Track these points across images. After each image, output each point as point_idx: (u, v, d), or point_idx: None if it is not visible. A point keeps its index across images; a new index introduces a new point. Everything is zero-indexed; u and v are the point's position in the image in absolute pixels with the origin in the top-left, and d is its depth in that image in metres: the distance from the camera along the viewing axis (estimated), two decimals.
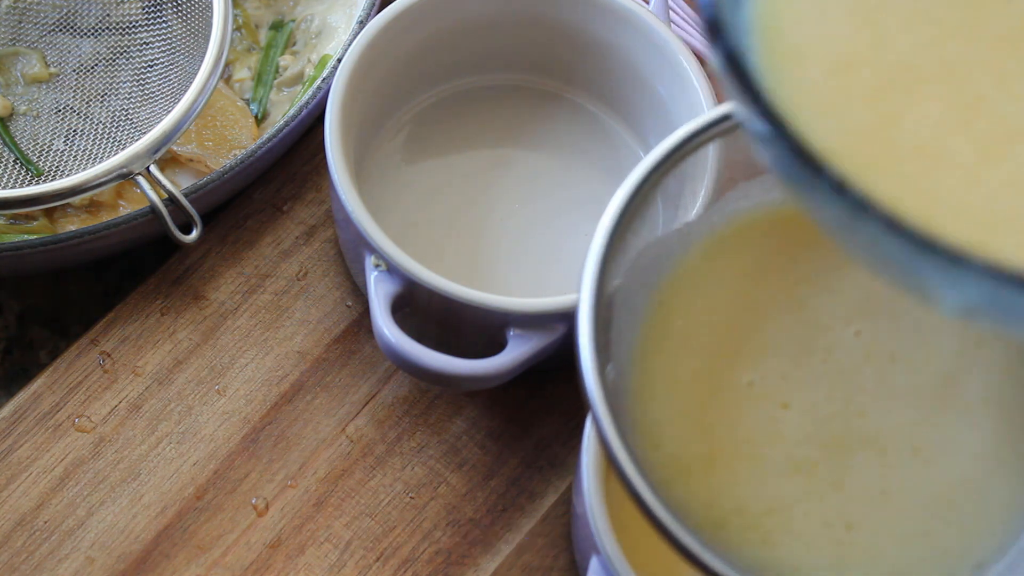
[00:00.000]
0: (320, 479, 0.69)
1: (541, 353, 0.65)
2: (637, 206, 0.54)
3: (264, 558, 0.68)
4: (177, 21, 0.75)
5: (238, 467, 0.69)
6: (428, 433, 0.70)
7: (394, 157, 0.74)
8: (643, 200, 0.54)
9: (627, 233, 0.54)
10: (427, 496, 0.69)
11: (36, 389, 0.70)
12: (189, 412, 0.70)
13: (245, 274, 0.73)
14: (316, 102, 0.73)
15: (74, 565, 0.67)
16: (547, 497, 0.69)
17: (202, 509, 0.68)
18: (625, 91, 0.74)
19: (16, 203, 0.69)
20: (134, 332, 0.72)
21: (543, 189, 0.73)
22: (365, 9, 0.75)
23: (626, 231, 0.54)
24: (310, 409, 0.70)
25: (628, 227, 0.54)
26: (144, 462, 0.69)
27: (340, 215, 0.68)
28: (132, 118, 0.74)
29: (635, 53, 0.72)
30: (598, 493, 0.60)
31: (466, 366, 0.64)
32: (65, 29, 0.77)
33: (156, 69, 0.75)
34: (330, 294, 0.73)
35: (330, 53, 0.77)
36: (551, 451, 0.70)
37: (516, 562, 0.68)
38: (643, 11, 0.71)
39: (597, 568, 0.60)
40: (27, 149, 0.74)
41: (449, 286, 0.64)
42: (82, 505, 0.68)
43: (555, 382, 0.71)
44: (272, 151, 0.73)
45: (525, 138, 0.75)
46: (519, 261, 0.71)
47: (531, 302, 0.64)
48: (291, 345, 0.72)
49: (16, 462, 0.69)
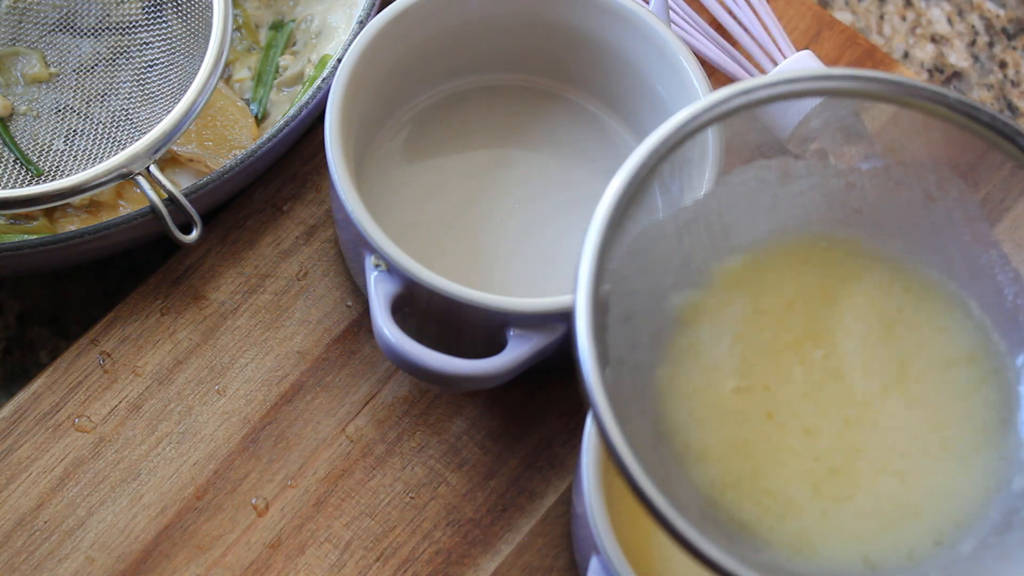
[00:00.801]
0: (320, 479, 0.69)
1: (541, 353, 0.65)
2: (634, 194, 0.55)
3: (264, 558, 0.68)
4: (177, 21, 0.75)
5: (238, 467, 0.69)
6: (428, 433, 0.70)
7: (394, 157, 0.74)
8: (640, 188, 0.55)
9: (624, 220, 0.55)
10: (427, 496, 0.69)
11: (36, 389, 0.70)
12: (189, 412, 0.70)
13: (245, 274, 0.73)
14: (316, 102, 0.73)
15: (74, 565, 0.67)
16: (547, 497, 0.69)
17: (202, 509, 0.68)
18: (625, 91, 0.74)
19: (16, 203, 0.69)
20: (134, 332, 0.72)
21: (543, 189, 0.73)
22: (365, 9, 0.75)
23: (624, 218, 0.55)
24: (310, 409, 0.70)
25: (625, 214, 0.55)
26: (144, 462, 0.69)
27: (340, 215, 0.68)
28: (132, 118, 0.74)
29: (635, 53, 0.72)
30: (598, 493, 0.60)
31: (466, 366, 0.64)
32: (65, 29, 0.77)
33: (156, 69, 0.75)
34: (330, 294, 0.73)
35: (330, 53, 0.77)
36: (551, 451, 0.70)
37: (516, 562, 0.68)
38: (643, 11, 0.71)
39: (597, 568, 0.60)
40: (27, 149, 0.74)
41: (449, 286, 0.64)
42: (82, 505, 0.68)
43: (555, 382, 0.71)
44: (272, 151, 0.73)
45: (525, 138, 0.75)
46: (519, 261, 0.71)
47: (531, 302, 0.64)
48: (291, 345, 0.72)
49: (16, 462, 0.69)
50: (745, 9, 0.78)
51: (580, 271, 0.53)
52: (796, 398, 0.57)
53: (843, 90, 0.57)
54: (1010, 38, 0.84)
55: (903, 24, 0.85)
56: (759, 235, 0.59)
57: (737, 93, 0.56)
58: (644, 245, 0.56)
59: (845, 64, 0.80)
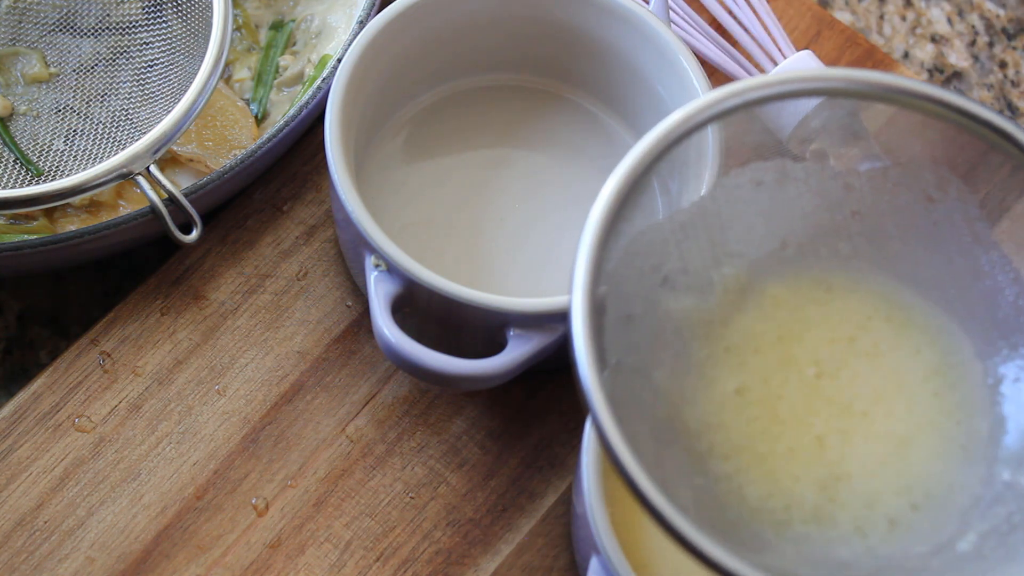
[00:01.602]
0: (320, 479, 0.69)
1: (541, 353, 0.65)
2: (630, 193, 0.55)
3: (264, 558, 0.68)
4: (177, 21, 0.75)
5: (238, 467, 0.69)
6: (428, 433, 0.70)
7: (394, 157, 0.74)
8: (637, 187, 0.55)
9: (621, 221, 0.55)
10: (427, 496, 0.69)
11: (36, 389, 0.70)
12: (189, 412, 0.70)
13: (245, 274, 0.73)
14: (316, 102, 0.73)
15: (74, 565, 0.67)
16: (547, 497, 0.69)
17: (202, 509, 0.68)
18: (624, 91, 0.74)
19: (16, 203, 0.69)
20: (134, 332, 0.72)
21: (543, 189, 0.73)
22: (365, 9, 0.75)
23: (620, 218, 0.54)
24: (310, 409, 0.70)
25: (621, 214, 0.55)
26: (144, 462, 0.69)
27: (340, 215, 0.68)
28: (132, 118, 0.74)
29: (635, 53, 0.72)
30: (598, 493, 0.60)
31: (466, 366, 0.64)
32: (65, 29, 0.77)
33: (156, 69, 0.75)
34: (330, 294, 0.73)
35: (330, 53, 0.77)
36: (551, 451, 0.70)
37: (516, 562, 0.68)
38: (643, 11, 0.71)
39: (597, 568, 0.60)
40: (27, 149, 0.74)
41: (449, 286, 0.64)
42: (82, 505, 0.68)
43: (555, 382, 0.71)
44: (272, 151, 0.73)
45: (525, 138, 0.75)
46: (519, 261, 0.71)
47: (531, 302, 0.64)
48: (291, 345, 0.72)
49: (16, 462, 0.69)
50: (745, 9, 0.78)
51: (576, 271, 0.53)
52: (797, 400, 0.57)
53: (841, 91, 0.57)
54: (1010, 38, 0.84)
55: (903, 24, 0.85)
56: (757, 240, 0.59)
57: (735, 92, 0.56)
58: (642, 247, 0.56)
59: (845, 64, 0.80)
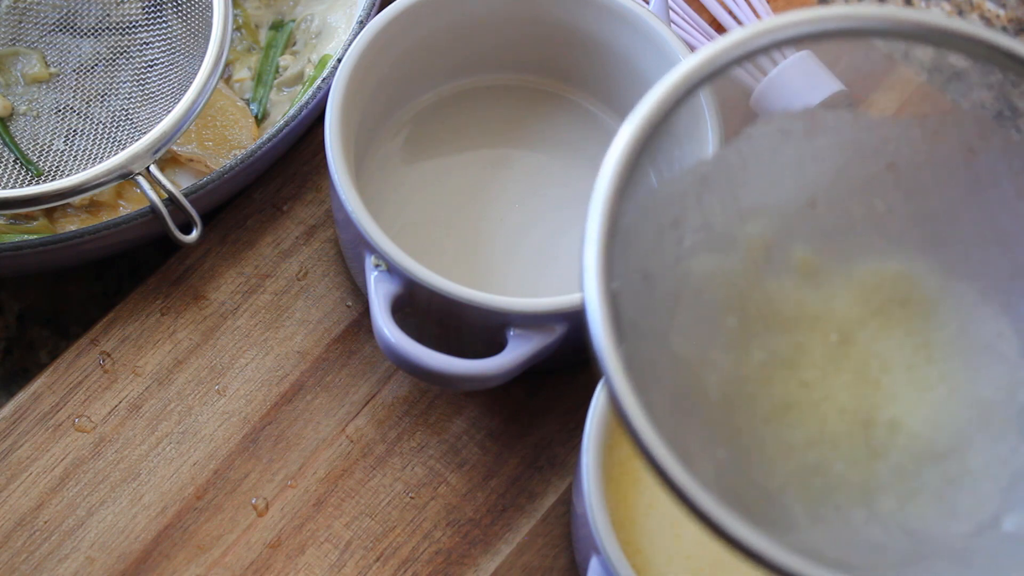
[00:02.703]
0: (320, 479, 0.69)
1: (541, 353, 0.65)
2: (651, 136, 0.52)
3: (264, 558, 0.68)
4: (177, 21, 0.75)
5: (238, 467, 0.69)
6: (428, 433, 0.70)
7: (394, 157, 0.74)
8: (659, 128, 0.52)
9: (638, 170, 0.51)
10: (427, 496, 0.69)
11: (36, 389, 0.70)
12: (189, 412, 0.70)
13: (245, 274, 0.73)
14: (316, 102, 0.73)
15: (74, 565, 0.67)
16: (547, 497, 0.69)
17: (202, 509, 0.68)
18: (625, 91, 0.74)
19: (16, 203, 0.69)
20: (134, 332, 0.72)
21: (543, 189, 0.73)
22: (365, 9, 0.75)
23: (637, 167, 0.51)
24: (310, 409, 0.70)
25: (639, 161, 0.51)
26: (144, 462, 0.69)
27: (340, 215, 0.68)
28: (132, 118, 0.74)
29: (635, 53, 0.72)
30: (598, 493, 0.60)
31: (466, 366, 0.64)
32: (65, 29, 0.77)
33: (156, 69, 0.75)
34: (330, 294, 0.73)
35: (330, 53, 0.77)
36: (551, 451, 0.70)
37: (516, 562, 0.68)
38: (643, 11, 0.71)
39: (597, 568, 0.60)
40: (27, 149, 0.74)
41: (449, 286, 0.64)
42: (82, 505, 0.68)
43: (555, 382, 0.71)
44: (272, 151, 0.73)
45: (525, 138, 0.75)
46: (519, 261, 0.72)
47: (531, 302, 0.64)
48: (291, 345, 0.72)
49: (16, 462, 0.69)
50: (745, 9, 0.78)
51: (589, 225, 0.50)
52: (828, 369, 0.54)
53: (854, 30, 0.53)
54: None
55: None
56: (784, 197, 0.55)
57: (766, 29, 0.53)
58: (660, 201, 0.53)
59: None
